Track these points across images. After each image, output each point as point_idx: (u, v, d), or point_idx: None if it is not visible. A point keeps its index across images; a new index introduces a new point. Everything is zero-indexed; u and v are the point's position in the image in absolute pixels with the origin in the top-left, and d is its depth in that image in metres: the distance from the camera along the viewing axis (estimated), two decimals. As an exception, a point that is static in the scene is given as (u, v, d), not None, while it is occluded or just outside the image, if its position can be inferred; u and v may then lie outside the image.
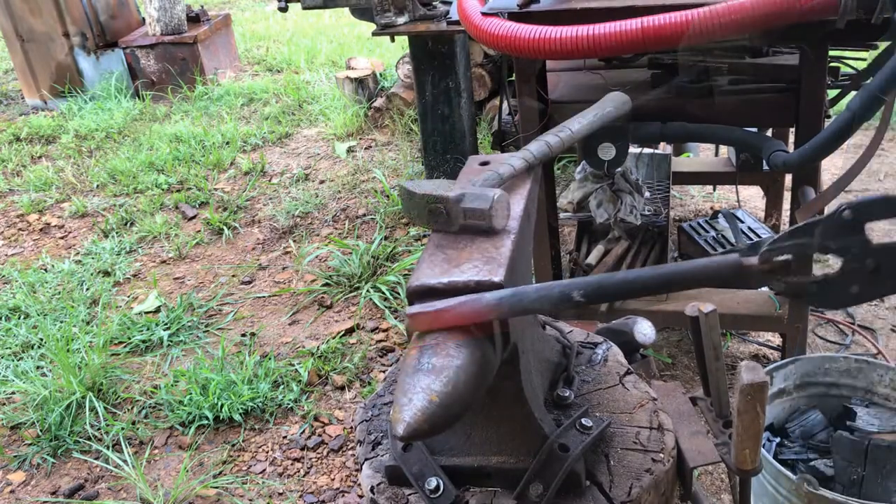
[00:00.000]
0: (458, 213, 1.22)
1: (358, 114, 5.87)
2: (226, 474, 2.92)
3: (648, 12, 2.12)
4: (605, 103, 1.64)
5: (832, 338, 3.35)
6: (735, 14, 2.00)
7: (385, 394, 1.52)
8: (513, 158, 1.39)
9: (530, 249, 1.60)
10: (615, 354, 1.56)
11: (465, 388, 1.01)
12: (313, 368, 3.39)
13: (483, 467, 1.28)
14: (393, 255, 4.16)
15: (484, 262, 1.16)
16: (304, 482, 2.87)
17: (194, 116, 6.33)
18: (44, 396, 3.24)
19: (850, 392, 2.55)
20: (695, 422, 1.49)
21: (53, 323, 3.80)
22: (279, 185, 5.18)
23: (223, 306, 3.96)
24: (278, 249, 4.45)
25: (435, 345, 1.04)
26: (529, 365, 1.30)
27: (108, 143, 6.04)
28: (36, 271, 4.35)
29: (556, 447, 1.25)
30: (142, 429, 3.17)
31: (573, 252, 3.42)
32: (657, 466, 1.30)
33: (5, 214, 5.13)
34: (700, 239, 3.46)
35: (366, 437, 1.42)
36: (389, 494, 1.30)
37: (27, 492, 2.96)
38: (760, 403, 1.28)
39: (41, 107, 6.94)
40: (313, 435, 3.08)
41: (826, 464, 2.37)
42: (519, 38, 2.25)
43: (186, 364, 3.49)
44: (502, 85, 4.67)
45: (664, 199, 3.55)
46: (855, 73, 2.81)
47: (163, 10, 6.69)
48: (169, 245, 4.55)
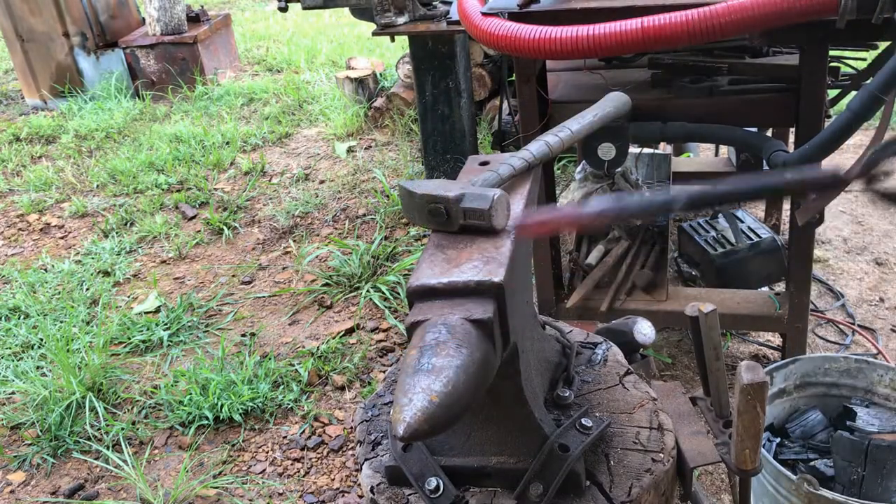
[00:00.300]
0: (458, 213, 1.22)
1: (358, 114, 5.87)
2: (226, 474, 2.92)
3: (648, 12, 2.12)
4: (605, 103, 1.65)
5: (832, 338, 3.35)
6: (735, 14, 2.00)
7: (385, 394, 1.52)
8: (513, 158, 1.39)
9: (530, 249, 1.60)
10: (615, 354, 1.56)
11: (465, 388, 1.01)
12: (313, 368, 3.39)
13: (483, 467, 1.28)
14: (393, 255, 4.16)
15: (484, 262, 1.16)
16: (304, 482, 2.87)
17: (194, 116, 6.33)
18: (44, 396, 3.24)
19: (850, 392, 2.55)
20: (695, 422, 1.50)
21: (53, 323, 3.80)
22: (279, 185, 5.18)
23: (223, 306, 3.96)
24: (278, 249, 4.45)
25: (435, 345, 1.04)
26: (529, 365, 1.30)
27: (108, 143, 6.04)
28: (36, 271, 4.35)
29: (556, 447, 1.25)
30: (142, 429, 3.17)
31: (573, 252, 3.42)
32: (657, 466, 1.30)
33: (5, 214, 5.13)
34: (700, 239, 3.46)
35: (366, 438, 1.42)
36: (389, 494, 1.30)
37: (27, 492, 2.96)
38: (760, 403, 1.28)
39: (41, 107, 6.95)
40: (313, 435, 3.08)
41: (826, 464, 2.37)
42: (519, 38, 2.25)
43: (186, 364, 3.49)
44: (502, 85, 4.67)
45: (664, 199, 3.55)
46: (855, 73, 2.81)
47: (163, 10, 6.69)
48: (169, 245, 4.55)
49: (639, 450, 1.32)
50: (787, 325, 2.84)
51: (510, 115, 4.73)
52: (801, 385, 2.57)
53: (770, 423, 2.55)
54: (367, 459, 1.38)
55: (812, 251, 2.73)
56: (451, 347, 1.04)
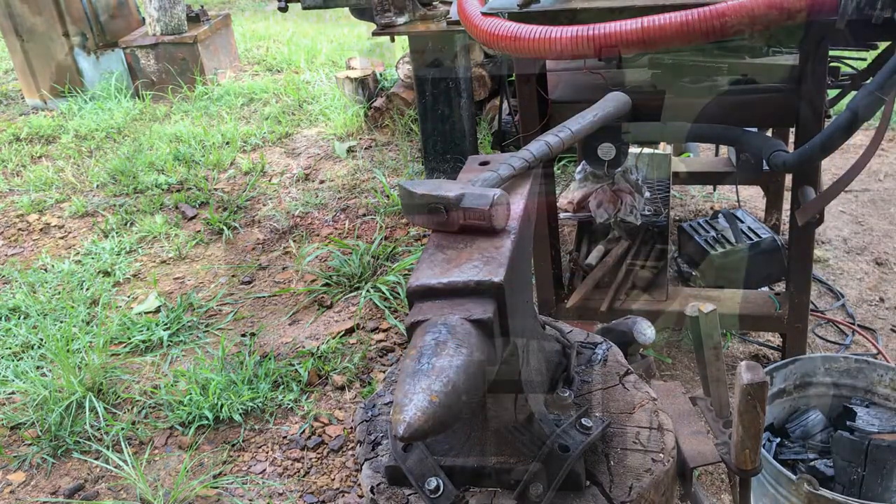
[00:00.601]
0: (458, 213, 1.22)
1: (358, 114, 5.87)
2: (226, 474, 2.92)
3: (648, 12, 2.12)
4: (605, 103, 1.65)
5: (832, 338, 3.35)
6: (735, 14, 2.00)
7: (385, 394, 1.52)
8: (513, 158, 1.39)
9: (530, 249, 1.60)
10: (615, 354, 1.56)
11: (465, 388, 1.01)
12: (313, 368, 3.39)
13: (483, 467, 1.28)
14: (393, 255, 4.16)
15: (484, 262, 1.16)
16: (304, 482, 2.87)
17: (194, 116, 6.33)
18: (44, 396, 3.24)
19: (850, 392, 2.55)
20: (695, 422, 1.50)
21: (53, 323, 3.80)
22: (279, 185, 5.18)
23: (223, 306, 3.96)
24: (278, 249, 4.45)
25: (435, 345, 1.04)
26: (529, 365, 1.30)
27: (108, 143, 6.04)
28: (36, 271, 4.35)
29: (556, 447, 1.25)
30: (142, 429, 3.17)
31: (573, 252, 3.42)
32: (657, 466, 1.30)
33: (5, 214, 5.13)
34: (700, 239, 3.46)
35: (366, 438, 1.42)
36: (389, 494, 1.30)
37: (27, 492, 2.96)
38: (760, 403, 1.28)
39: (41, 107, 6.94)
40: (313, 435, 3.08)
41: (826, 464, 2.37)
42: (519, 38, 2.25)
43: (186, 364, 3.49)
44: (502, 85, 4.68)
45: (664, 199, 3.55)
46: (855, 73, 2.81)
47: (163, 10, 6.69)
48: (169, 245, 4.55)
49: (639, 450, 1.32)
50: (787, 325, 2.84)
51: (510, 115, 4.73)
52: (801, 385, 2.57)
53: (770, 423, 2.55)
54: (367, 459, 1.38)
55: (812, 251, 2.73)
56: (451, 347, 1.04)
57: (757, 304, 2.93)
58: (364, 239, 4.35)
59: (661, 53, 2.74)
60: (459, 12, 2.60)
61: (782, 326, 2.88)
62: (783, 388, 2.55)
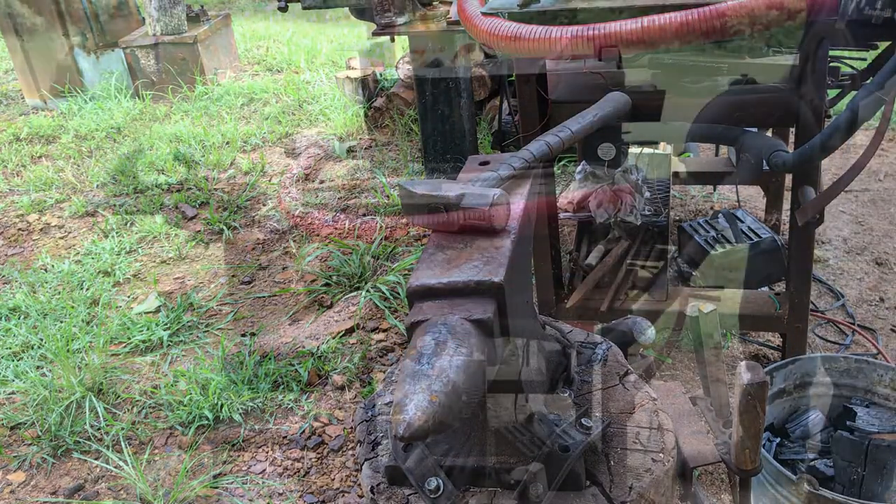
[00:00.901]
0: (458, 213, 1.22)
1: (358, 114, 5.87)
2: (226, 474, 2.92)
3: (648, 12, 2.12)
4: (605, 103, 1.64)
5: (832, 338, 3.35)
6: (735, 14, 2.00)
7: (385, 394, 1.52)
8: (513, 158, 1.39)
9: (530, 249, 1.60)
10: (615, 354, 1.56)
11: (465, 388, 1.01)
12: (313, 368, 3.39)
13: (483, 467, 1.28)
14: (393, 255, 4.16)
15: (484, 262, 1.16)
16: (304, 482, 2.87)
17: (194, 116, 6.33)
18: (44, 396, 3.24)
19: (850, 392, 2.55)
20: (695, 422, 1.50)
21: (53, 323, 3.80)
22: (279, 185, 5.18)
23: (223, 306, 3.96)
24: (278, 249, 4.45)
25: (435, 345, 1.04)
26: (529, 365, 1.30)
27: (108, 143, 6.04)
28: (36, 271, 4.35)
29: (556, 447, 1.25)
30: (142, 429, 3.17)
31: (573, 252, 3.42)
32: (657, 466, 1.30)
33: (5, 214, 5.13)
34: (700, 239, 3.46)
35: (366, 438, 1.42)
36: (389, 494, 1.30)
37: (27, 492, 2.95)
38: (760, 403, 1.28)
39: (41, 107, 6.94)
40: (313, 435, 3.08)
41: (826, 464, 2.37)
42: (519, 38, 2.25)
43: (186, 364, 3.49)
44: (502, 85, 4.67)
45: (664, 199, 3.55)
46: (855, 73, 2.81)
47: (163, 9, 6.68)
48: (169, 245, 4.55)
49: (639, 450, 1.32)
50: (787, 325, 2.84)
51: (510, 115, 4.73)
52: (801, 385, 2.57)
53: (770, 423, 2.55)
54: (367, 459, 1.38)
55: (812, 251, 2.73)
56: (451, 347, 1.04)
57: (757, 304, 2.93)
58: (364, 239, 4.35)
59: (661, 53, 2.74)
60: (459, 12, 2.60)
61: (782, 326, 2.88)
62: (783, 388, 2.55)
